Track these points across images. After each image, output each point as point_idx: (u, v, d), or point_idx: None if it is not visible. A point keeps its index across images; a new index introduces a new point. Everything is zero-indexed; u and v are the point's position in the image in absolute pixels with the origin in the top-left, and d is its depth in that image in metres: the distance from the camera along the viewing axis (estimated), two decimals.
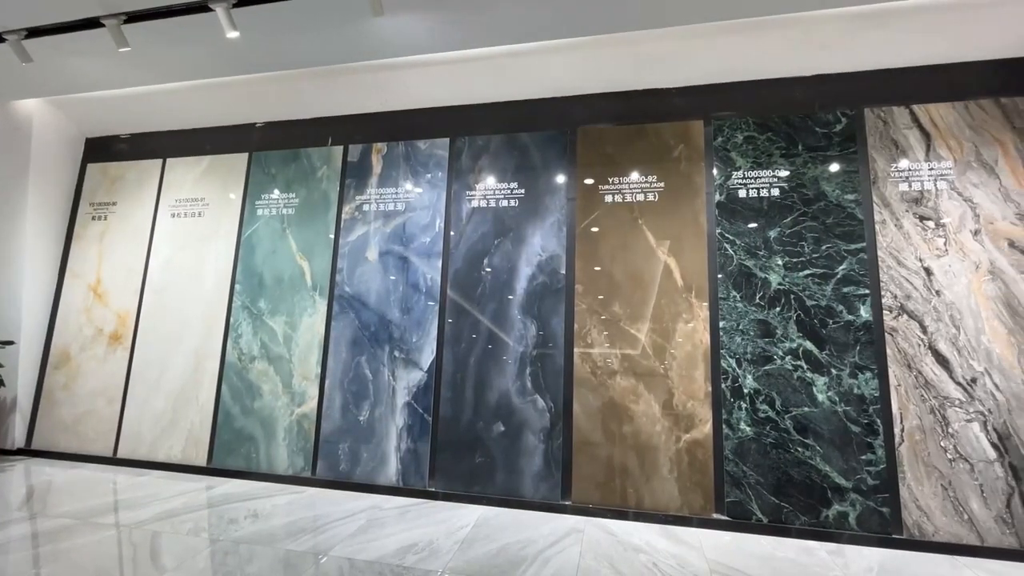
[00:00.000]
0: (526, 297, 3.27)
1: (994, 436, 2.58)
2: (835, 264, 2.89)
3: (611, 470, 2.97)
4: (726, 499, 2.81)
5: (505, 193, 3.44)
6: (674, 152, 3.23)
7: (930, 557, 2.49)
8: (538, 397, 3.13)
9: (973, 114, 2.87)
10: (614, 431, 3.01)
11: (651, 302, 3.09)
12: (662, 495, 2.89)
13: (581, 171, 3.36)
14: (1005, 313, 2.66)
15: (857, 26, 2.82)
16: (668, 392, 2.97)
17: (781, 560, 2.43)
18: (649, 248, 3.16)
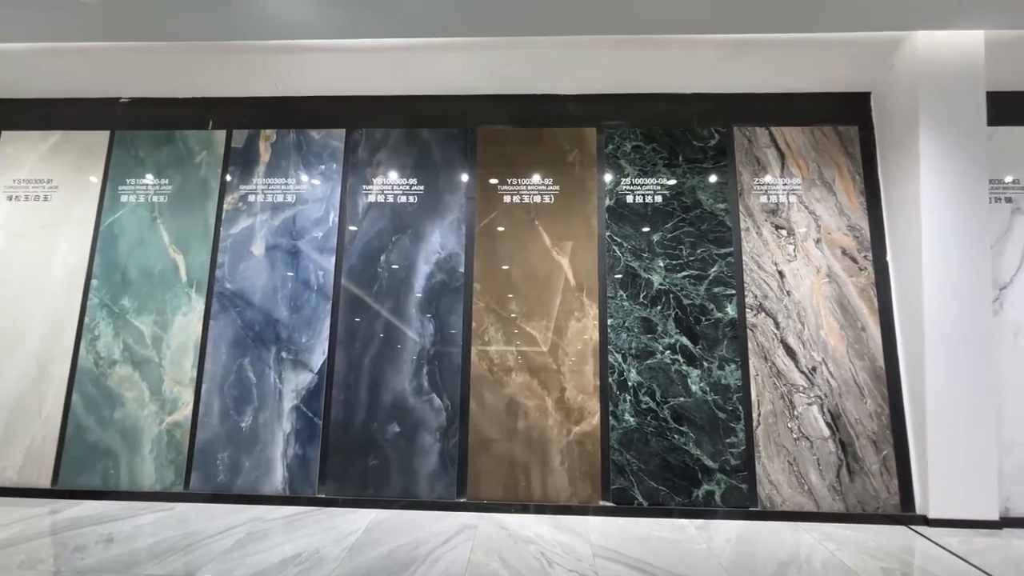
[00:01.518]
0: (424, 295, 3.24)
1: (828, 417, 3.00)
2: (708, 266, 3.18)
3: (506, 465, 3.04)
4: (611, 486, 2.99)
5: (404, 189, 3.38)
6: (569, 157, 3.37)
7: (779, 525, 2.83)
8: (435, 396, 3.12)
9: (817, 139, 3.31)
10: (509, 427, 3.07)
11: (546, 301, 3.20)
12: (554, 487, 3.00)
13: (481, 170, 3.39)
14: (838, 311, 3.10)
15: (728, 52, 3.13)
16: (561, 387, 3.10)
17: (656, 539, 2.63)
18: (545, 248, 3.26)
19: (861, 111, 3.37)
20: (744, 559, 2.42)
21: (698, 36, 3.01)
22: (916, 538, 2.69)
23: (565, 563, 2.34)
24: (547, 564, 2.33)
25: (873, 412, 3.00)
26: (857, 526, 2.82)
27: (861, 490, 2.92)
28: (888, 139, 3.20)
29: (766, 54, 3.12)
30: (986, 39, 2.90)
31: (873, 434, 2.97)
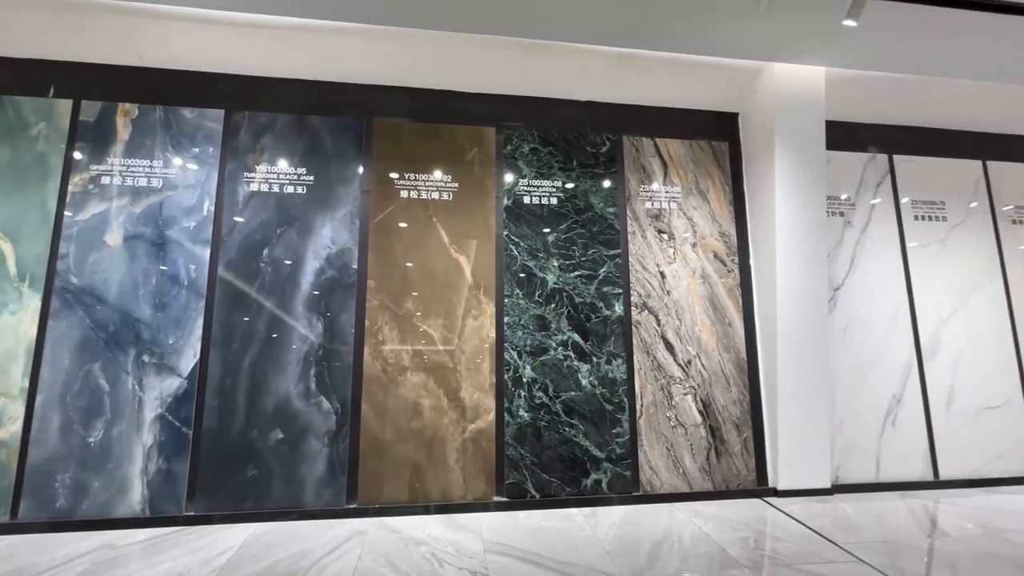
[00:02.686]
0: (313, 292, 3.05)
1: (700, 405, 3.30)
2: (598, 267, 3.35)
3: (400, 467, 2.96)
4: (505, 481, 3.04)
5: (291, 179, 3.16)
6: (468, 155, 3.37)
7: (657, 507, 3.06)
8: (323, 399, 2.95)
9: (695, 151, 3.63)
10: (404, 427, 3.00)
11: (444, 299, 3.17)
12: (448, 485, 2.98)
13: (377, 164, 3.27)
14: (710, 308, 3.43)
15: (620, 64, 3.31)
16: (456, 385, 3.09)
17: (547, 530, 2.72)
18: (442, 246, 3.23)
19: (731, 129, 3.75)
20: (625, 541, 2.58)
21: (594, 47, 3.16)
22: (768, 508, 3.05)
23: (456, 562, 2.34)
24: (438, 564, 2.31)
25: (736, 399, 3.35)
26: (722, 502, 3.14)
27: (726, 469, 3.26)
28: (752, 156, 3.60)
29: (653, 70, 3.35)
30: (826, 75, 3.37)
31: (736, 419, 3.33)
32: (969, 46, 3.03)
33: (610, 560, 2.37)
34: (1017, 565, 2.38)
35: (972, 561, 2.42)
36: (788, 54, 3.21)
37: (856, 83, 3.47)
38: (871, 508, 3.06)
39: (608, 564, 2.33)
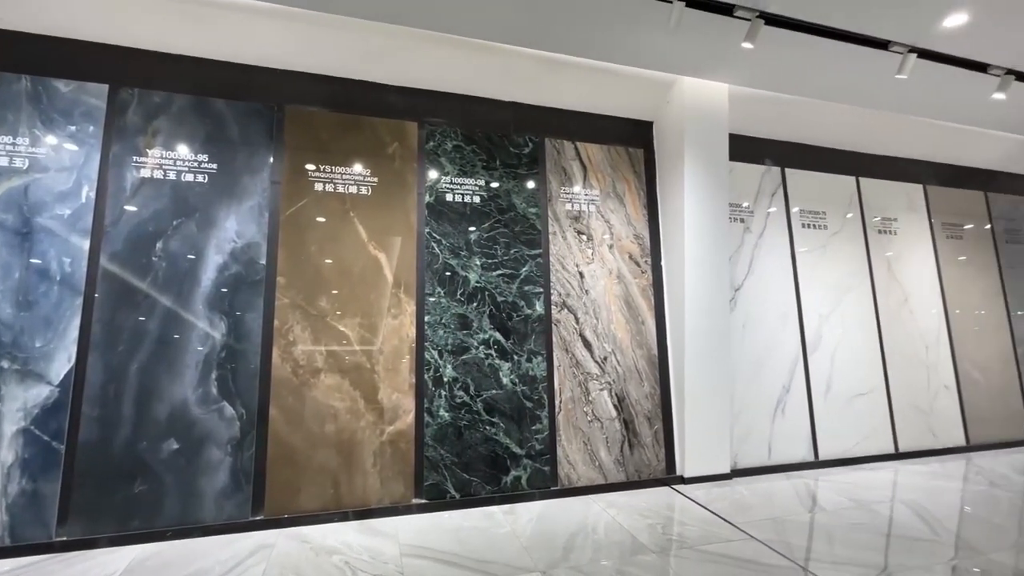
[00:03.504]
0: (215, 289, 2.82)
1: (615, 399, 3.45)
2: (520, 266, 3.39)
3: (312, 473, 2.82)
4: (425, 483, 2.99)
5: (191, 165, 2.89)
6: (389, 149, 3.27)
7: (574, 500, 3.16)
8: (226, 404, 2.74)
9: (613, 156, 3.78)
10: (316, 432, 2.86)
11: (361, 297, 3.06)
12: (365, 490, 2.88)
13: (290, 154, 3.08)
14: (625, 307, 3.59)
15: (545, 69, 3.36)
16: (374, 387, 2.99)
17: (467, 529, 2.71)
18: (360, 242, 3.11)
19: (646, 137, 3.95)
20: (543, 535, 2.63)
21: (519, 48, 3.18)
22: (675, 495, 3.25)
23: (371, 568, 2.26)
24: (351, 573, 2.22)
25: (648, 393, 3.54)
26: (635, 491, 3.30)
27: (638, 460, 3.43)
28: (664, 163, 3.81)
29: (575, 75, 3.44)
30: (729, 92, 3.65)
31: (648, 412, 3.51)
32: (843, 74, 3.41)
33: (527, 555, 2.40)
34: (879, 532, 2.72)
35: (844, 531, 2.72)
36: (696, 69, 3.43)
37: (755, 101, 3.79)
38: (763, 489, 3.35)
39: (525, 559, 2.37)
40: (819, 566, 2.33)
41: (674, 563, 2.36)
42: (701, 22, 2.83)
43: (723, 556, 2.42)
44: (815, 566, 2.33)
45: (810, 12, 2.78)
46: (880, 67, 3.24)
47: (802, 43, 3.00)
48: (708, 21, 2.82)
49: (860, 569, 2.31)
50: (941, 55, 3.15)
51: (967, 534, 2.71)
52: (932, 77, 3.38)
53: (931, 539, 2.64)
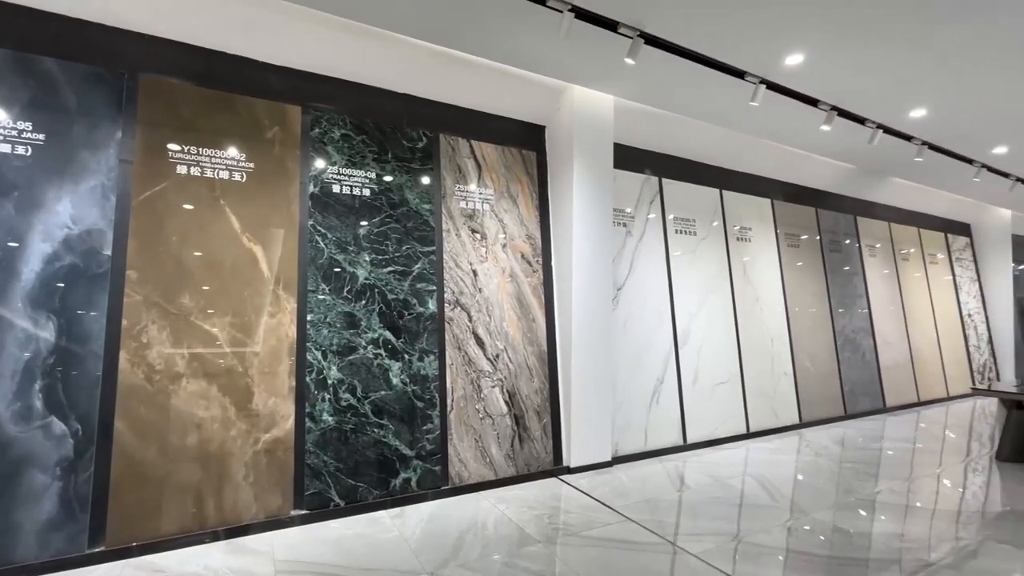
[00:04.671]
0: (41, 284, 2.37)
1: (507, 396, 3.52)
2: (412, 263, 3.31)
3: (170, 492, 2.50)
4: (305, 493, 2.80)
5: (8, 135, 2.41)
6: (268, 133, 3.00)
7: (466, 498, 3.16)
8: (55, 419, 2.32)
9: (507, 157, 3.84)
10: (176, 445, 2.54)
11: (233, 294, 2.77)
12: (236, 506, 2.62)
13: (144, 130, 2.70)
14: (517, 306, 3.67)
15: (443, 63, 3.31)
16: (247, 392, 2.73)
17: (350, 538, 2.58)
18: (233, 233, 2.82)
19: (539, 140, 4.07)
20: (432, 537, 2.60)
21: (415, 40, 3.10)
22: (562, 485, 3.39)
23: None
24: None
25: (538, 388, 3.66)
26: (524, 485, 3.39)
27: (528, 454, 3.53)
28: (555, 167, 3.96)
29: (472, 73, 3.43)
30: (615, 103, 3.89)
31: (538, 406, 3.63)
32: (710, 97, 3.82)
33: (415, 558, 2.35)
34: (733, 503, 3.08)
35: (706, 505, 3.04)
36: (584, 78, 3.61)
37: (637, 114, 4.08)
38: (639, 474, 3.63)
39: (413, 562, 2.31)
40: (685, 539, 2.58)
41: (559, 551, 2.46)
42: (589, 34, 2.98)
43: (603, 540, 2.57)
44: (682, 540, 2.57)
45: (682, 37, 3.06)
46: (739, 94, 3.66)
47: (677, 64, 3.30)
48: (595, 34, 2.97)
49: (718, 538, 2.59)
50: (784, 88, 3.65)
51: (799, 498, 3.18)
52: (778, 107, 3.90)
53: (771, 505, 3.05)
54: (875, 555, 2.42)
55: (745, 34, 3.01)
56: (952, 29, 2.94)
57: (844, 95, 3.79)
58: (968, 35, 3.00)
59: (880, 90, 3.72)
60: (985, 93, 3.77)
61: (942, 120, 4.25)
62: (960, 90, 3.72)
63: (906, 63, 3.33)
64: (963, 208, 7.56)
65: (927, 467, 3.85)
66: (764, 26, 2.93)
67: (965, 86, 3.66)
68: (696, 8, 2.75)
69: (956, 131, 4.53)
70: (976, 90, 3.72)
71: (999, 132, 4.58)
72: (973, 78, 3.53)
